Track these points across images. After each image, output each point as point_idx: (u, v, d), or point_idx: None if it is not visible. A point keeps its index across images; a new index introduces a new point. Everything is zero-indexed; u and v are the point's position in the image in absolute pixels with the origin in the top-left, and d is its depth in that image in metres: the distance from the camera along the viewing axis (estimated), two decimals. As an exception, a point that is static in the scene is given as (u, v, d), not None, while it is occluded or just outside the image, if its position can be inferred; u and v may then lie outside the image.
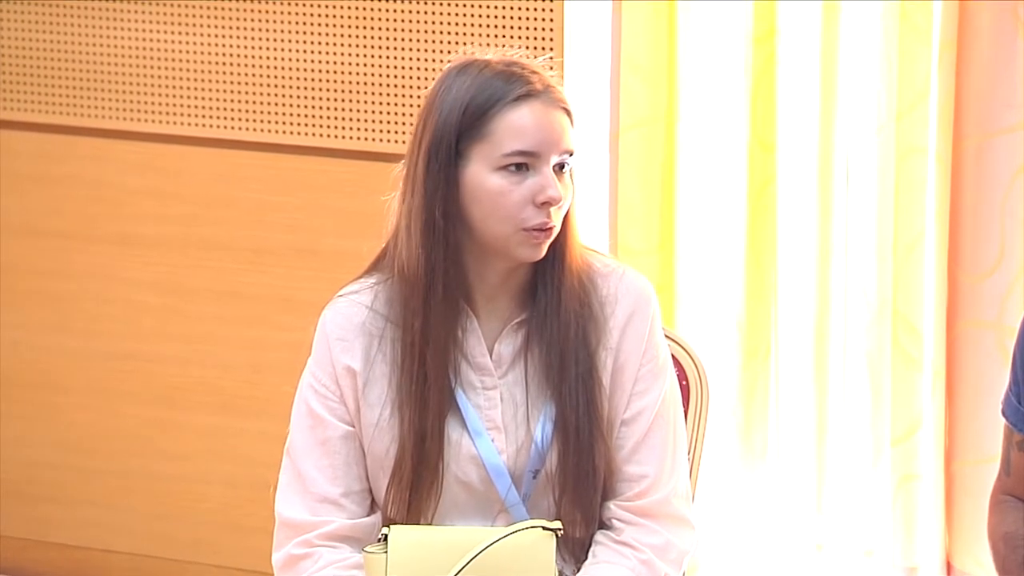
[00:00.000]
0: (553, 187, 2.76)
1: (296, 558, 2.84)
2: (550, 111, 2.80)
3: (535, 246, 2.79)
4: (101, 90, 4.49)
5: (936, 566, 4.25)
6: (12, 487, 4.68)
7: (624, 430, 2.86)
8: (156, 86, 4.45)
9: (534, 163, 2.78)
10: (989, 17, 4.08)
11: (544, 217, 2.77)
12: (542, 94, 2.80)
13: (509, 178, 2.78)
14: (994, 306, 4.13)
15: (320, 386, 2.86)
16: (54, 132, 4.55)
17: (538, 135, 2.78)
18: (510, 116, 2.79)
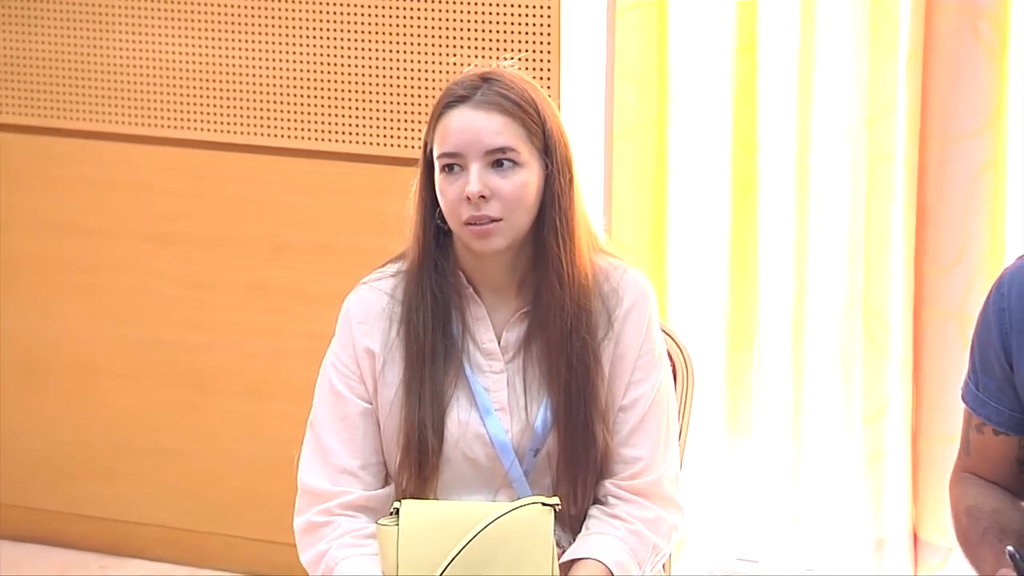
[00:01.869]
0: (472, 183, 2.77)
1: (316, 525, 2.85)
2: (475, 114, 2.80)
3: (477, 237, 2.79)
4: (133, 99, 4.49)
5: (903, 536, 4.25)
6: (51, 464, 4.68)
7: (621, 415, 2.87)
8: (183, 96, 4.45)
9: (461, 163, 2.79)
10: (951, 32, 4.07)
11: (473, 211, 2.77)
12: (471, 99, 2.80)
13: (446, 178, 2.80)
14: (957, 297, 4.13)
15: (342, 366, 2.88)
16: (89, 138, 4.55)
17: (457, 137, 2.79)
18: (441, 122, 2.82)
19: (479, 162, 2.77)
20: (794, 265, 4.30)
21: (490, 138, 2.78)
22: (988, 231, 4.11)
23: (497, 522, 2.77)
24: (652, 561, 2.87)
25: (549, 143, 2.83)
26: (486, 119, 2.79)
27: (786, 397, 4.34)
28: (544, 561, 2.78)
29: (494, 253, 2.81)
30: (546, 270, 2.84)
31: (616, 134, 4.31)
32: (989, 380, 2.85)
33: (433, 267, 2.84)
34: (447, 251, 2.85)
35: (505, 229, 2.79)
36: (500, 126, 2.79)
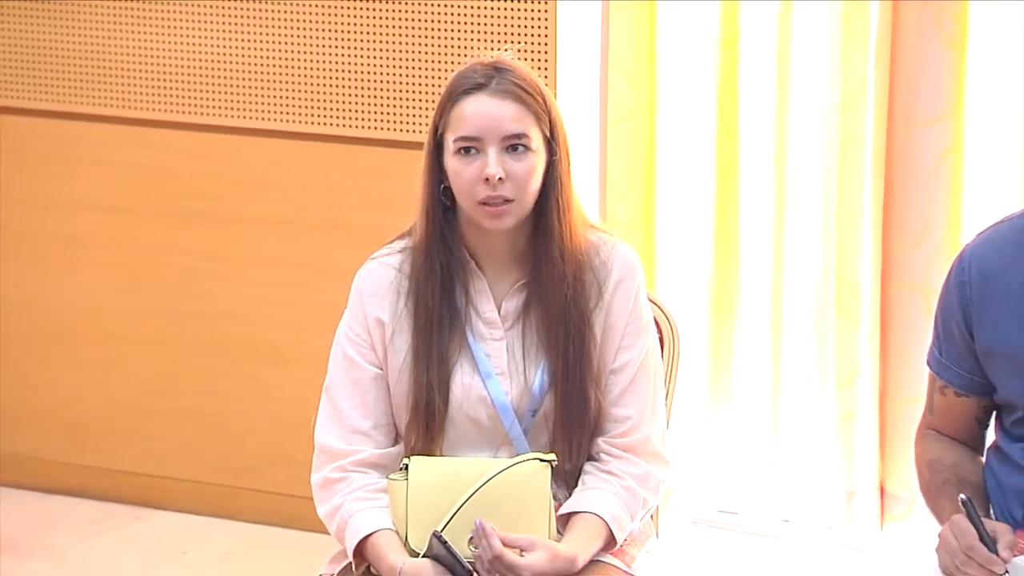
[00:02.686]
0: (492, 165, 2.76)
1: (332, 481, 2.86)
2: (494, 101, 2.79)
3: (492, 217, 2.79)
4: (161, 88, 4.49)
5: (871, 489, 4.25)
6: (88, 423, 4.69)
7: (612, 378, 2.87)
8: (207, 85, 4.45)
9: (479, 146, 2.78)
10: (916, 26, 4.07)
11: (490, 191, 2.77)
12: (488, 86, 2.80)
13: (461, 160, 2.79)
14: (921, 271, 4.13)
15: (354, 335, 2.88)
16: (121, 123, 4.55)
17: (476, 122, 2.78)
18: (458, 107, 2.80)
19: (496, 146, 2.78)
20: (773, 241, 4.30)
21: (507, 124, 2.78)
22: (949, 210, 4.11)
23: (498, 477, 2.77)
24: (642, 513, 2.87)
25: (555, 130, 2.83)
26: (503, 106, 2.79)
27: (765, 362, 4.35)
28: (542, 513, 2.79)
29: (503, 230, 2.82)
30: (546, 246, 2.84)
31: (610, 121, 4.31)
32: (951, 347, 2.86)
33: (440, 242, 2.84)
34: (452, 227, 2.86)
35: (516, 209, 2.79)
36: (515, 113, 2.79)
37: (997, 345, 2.77)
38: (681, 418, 3.94)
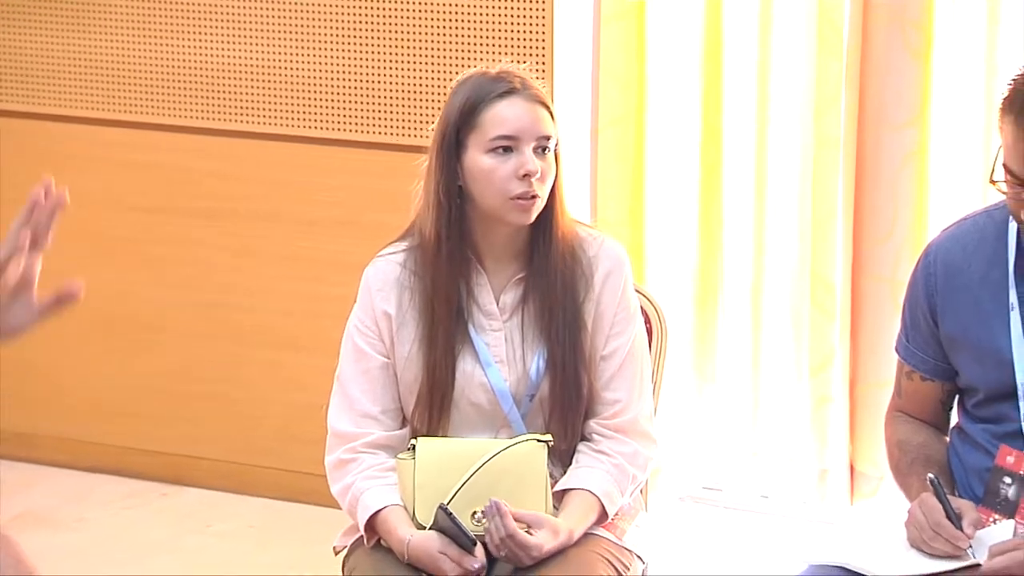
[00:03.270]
0: (531, 163, 2.76)
1: (344, 462, 2.86)
2: (527, 104, 2.79)
3: (522, 211, 2.79)
4: (186, 96, 4.49)
5: (842, 468, 4.25)
6: (119, 406, 4.69)
7: (603, 364, 2.87)
8: (229, 92, 4.45)
9: (515, 145, 2.77)
10: (884, 39, 4.07)
11: (526, 187, 2.77)
12: (521, 91, 2.80)
13: (496, 158, 2.78)
14: (889, 265, 4.13)
15: (363, 327, 2.88)
16: (153, 129, 4.54)
17: (516, 123, 2.78)
18: (495, 109, 2.79)
19: (530, 146, 2.78)
20: (752, 237, 4.30)
21: (541, 127, 2.79)
22: (915, 208, 4.12)
23: (498, 456, 2.78)
24: (631, 488, 2.87)
25: (558, 135, 2.83)
26: (536, 110, 2.80)
27: (745, 350, 4.35)
28: (539, 489, 2.79)
29: (524, 224, 2.81)
30: (543, 242, 2.84)
31: (601, 125, 4.30)
32: (917, 335, 2.86)
33: (453, 238, 2.83)
34: (460, 224, 2.85)
35: (539, 204, 2.80)
36: (545, 117, 2.80)
37: (960, 333, 2.77)
38: (668, 401, 3.94)
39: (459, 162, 2.81)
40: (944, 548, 2.63)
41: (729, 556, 4.16)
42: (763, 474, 4.37)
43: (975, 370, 2.77)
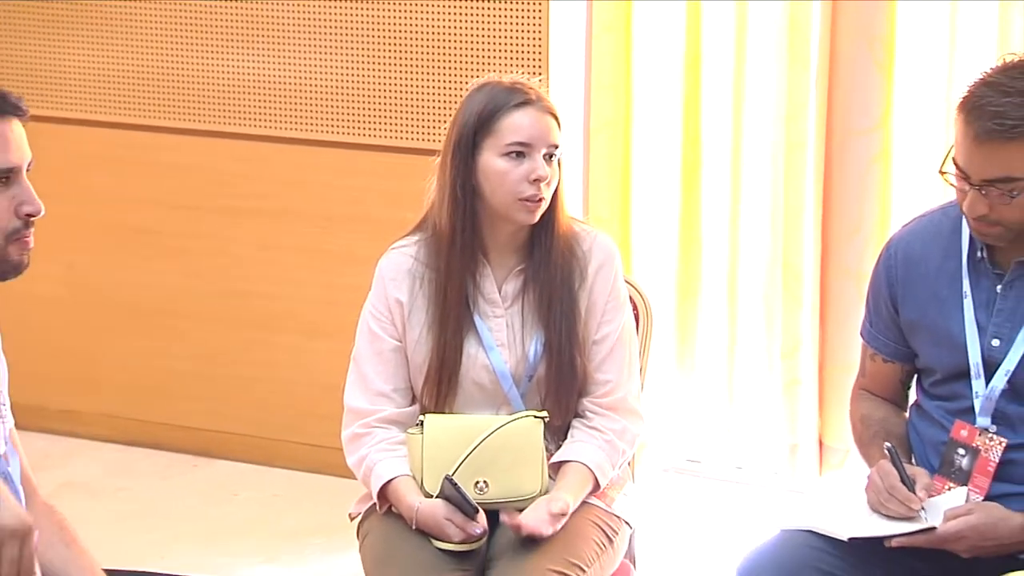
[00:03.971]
0: (542, 168, 2.76)
1: (359, 436, 2.86)
2: (541, 115, 2.79)
3: (530, 212, 2.78)
4: (214, 103, 4.49)
5: (812, 442, 4.25)
6: (154, 386, 4.69)
7: (595, 348, 2.87)
8: (251, 99, 4.45)
9: (528, 151, 2.77)
10: (850, 51, 4.07)
11: (535, 190, 2.76)
12: (535, 103, 2.80)
13: (510, 162, 2.77)
14: (855, 258, 4.13)
15: (377, 313, 2.88)
16: (187, 134, 4.54)
17: (530, 131, 2.77)
18: (511, 117, 2.78)
19: (541, 152, 2.77)
20: (729, 231, 4.30)
21: (551, 136, 2.79)
22: (879, 206, 4.12)
23: (499, 431, 2.78)
24: (620, 461, 2.87)
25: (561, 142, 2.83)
26: (548, 120, 2.80)
27: (722, 335, 4.35)
28: (536, 461, 2.79)
29: (529, 223, 2.80)
30: (543, 238, 2.84)
31: (593, 129, 4.30)
32: (880, 321, 2.86)
33: (463, 231, 2.83)
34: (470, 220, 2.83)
35: (544, 206, 2.79)
36: (554, 127, 2.80)
37: (918, 319, 2.77)
38: (653, 382, 3.94)
39: (474, 163, 2.80)
40: (899, 510, 2.63)
41: (708, 522, 4.16)
42: (739, 448, 4.37)
43: (932, 352, 2.76)
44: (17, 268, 2.31)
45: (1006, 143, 2.52)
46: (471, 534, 2.70)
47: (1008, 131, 2.51)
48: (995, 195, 2.56)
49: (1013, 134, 2.51)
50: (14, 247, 2.30)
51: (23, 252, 2.31)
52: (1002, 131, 2.51)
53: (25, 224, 2.30)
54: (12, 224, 2.29)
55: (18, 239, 2.30)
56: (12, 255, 2.30)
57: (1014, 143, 2.51)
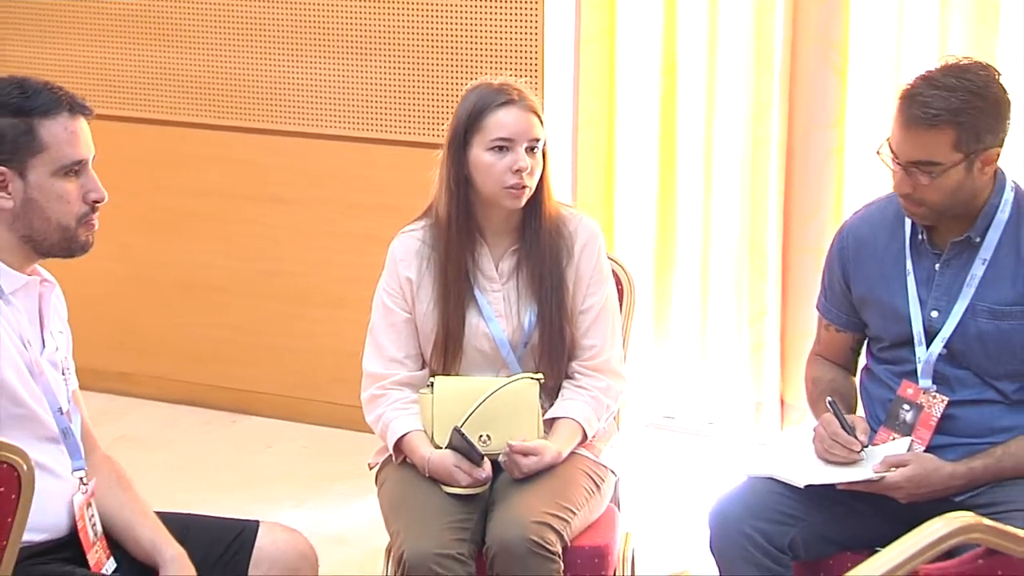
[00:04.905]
0: (523, 160, 2.76)
1: (375, 397, 2.86)
2: (523, 113, 2.78)
3: (515, 198, 2.78)
4: (250, 103, 4.48)
5: (774, 401, 4.26)
6: (199, 351, 4.69)
7: (581, 317, 2.87)
8: (285, 100, 4.44)
9: (511, 145, 2.76)
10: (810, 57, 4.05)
11: (518, 179, 2.76)
12: (518, 102, 2.79)
13: (495, 155, 2.77)
14: (813, 239, 4.11)
15: (390, 289, 2.88)
16: (229, 131, 4.52)
17: (513, 128, 2.77)
18: (496, 115, 2.77)
19: (523, 146, 2.76)
20: (702, 215, 4.29)
21: (532, 131, 2.78)
22: (834, 194, 4.10)
23: (500, 391, 2.78)
24: (606, 416, 2.88)
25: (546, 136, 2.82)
26: (529, 117, 2.78)
27: (695, 305, 4.34)
28: (532, 417, 2.80)
29: (515, 209, 2.79)
30: (534, 221, 2.83)
31: (580, 124, 4.29)
32: (833, 296, 2.86)
33: (461, 217, 2.82)
34: (466, 206, 2.83)
35: (528, 193, 2.79)
36: (536, 123, 2.78)
37: (867, 293, 2.77)
38: (635, 347, 3.94)
39: (466, 156, 2.80)
40: (841, 453, 2.64)
41: (683, 471, 4.16)
42: (710, 406, 4.37)
43: (880, 323, 2.77)
44: (84, 247, 2.36)
45: (928, 129, 2.53)
46: (477, 479, 2.71)
47: (931, 119, 2.52)
48: (918, 176, 2.57)
49: (935, 122, 2.52)
50: (82, 229, 2.34)
51: (89, 233, 2.36)
52: (925, 119, 2.53)
53: (92, 209, 2.34)
54: (81, 209, 2.33)
55: (86, 222, 2.34)
56: (80, 236, 2.34)
57: (935, 130, 2.53)
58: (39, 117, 2.29)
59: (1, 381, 2.26)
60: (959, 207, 2.61)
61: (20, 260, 2.35)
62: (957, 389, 2.67)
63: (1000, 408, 2.65)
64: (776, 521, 2.61)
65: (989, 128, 2.55)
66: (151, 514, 2.46)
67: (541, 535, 2.61)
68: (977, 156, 2.56)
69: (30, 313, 2.37)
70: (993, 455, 2.61)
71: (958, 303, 2.64)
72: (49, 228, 2.32)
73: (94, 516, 2.40)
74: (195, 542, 2.44)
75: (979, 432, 2.65)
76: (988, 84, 2.56)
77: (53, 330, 2.41)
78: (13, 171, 2.30)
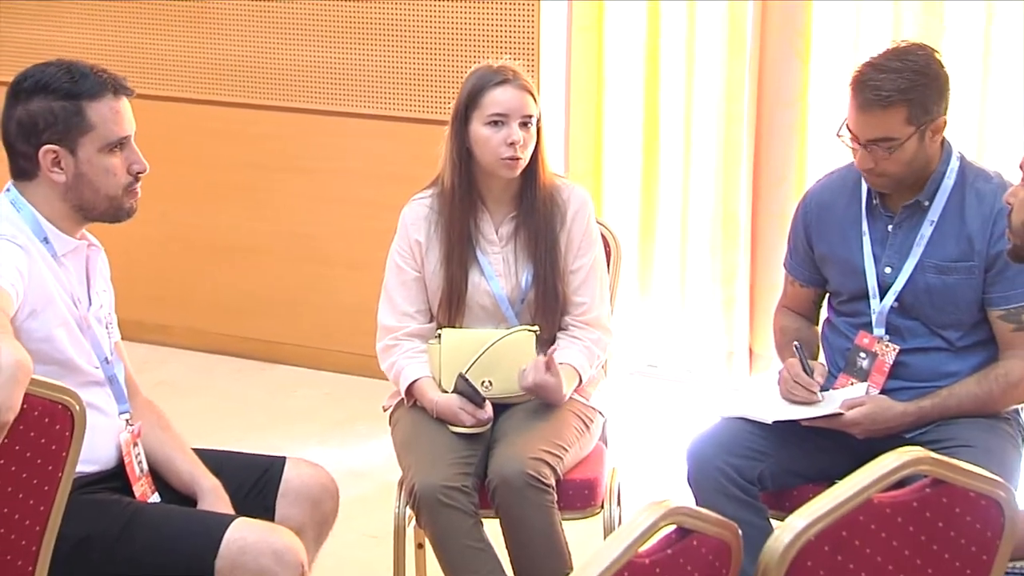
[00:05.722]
0: (515, 134, 2.74)
1: (389, 347, 2.86)
2: (517, 91, 2.76)
3: (509, 169, 2.77)
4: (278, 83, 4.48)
5: (744, 350, 4.27)
6: (229, 308, 4.69)
7: (572, 277, 2.86)
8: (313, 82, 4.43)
9: (506, 120, 2.75)
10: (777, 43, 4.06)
11: (512, 152, 2.74)
12: (512, 81, 2.77)
13: (491, 130, 2.75)
14: (779, 205, 4.12)
15: (401, 250, 2.87)
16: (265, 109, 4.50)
17: (507, 104, 2.75)
18: (492, 93, 2.76)
19: (517, 121, 2.74)
20: (681, 185, 4.29)
21: (526, 108, 2.75)
22: (797, 165, 4.11)
23: (500, 341, 2.79)
24: (596, 363, 2.88)
25: (539, 110, 2.80)
26: (522, 95, 2.76)
27: (675, 265, 4.35)
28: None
29: (511, 178, 2.78)
30: (530, 189, 2.82)
31: (572, 101, 4.28)
32: (798, 255, 2.86)
33: (463, 186, 2.81)
34: (468, 175, 2.82)
35: (522, 164, 2.77)
36: (529, 100, 2.76)
37: (828, 253, 2.78)
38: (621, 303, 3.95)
39: (467, 131, 2.79)
40: (802, 394, 2.66)
41: (664, 412, 4.18)
42: (688, 355, 4.38)
43: (839, 279, 2.77)
44: (129, 213, 2.38)
45: (883, 110, 2.54)
46: (480, 420, 2.72)
47: (883, 100, 2.53)
48: (878, 152, 2.57)
49: (887, 103, 2.53)
50: (127, 197, 2.36)
51: (133, 200, 2.37)
52: (879, 100, 2.53)
53: (135, 179, 2.36)
54: (126, 180, 2.35)
55: (130, 191, 2.36)
56: (126, 203, 2.36)
57: (889, 110, 2.54)
58: (87, 99, 2.30)
59: (53, 336, 2.27)
60: (914, 175, 2.62)
61: (71, 226, 2.37)
62: (907, 338, 2.68)
63: (946, 355, 2.66)
64: (746, 457, 2.62)
65: (935, 100, 2.57)
66: (189, 451, 2.47)
67: (537, 469, 2.62)
68: (927, 127, 2.57)
69: (79, 274, 2.39)
70: (939, 396, 2.63)
71: (908, 260, 2.65)
72: (98, 198, 2.33)
73: (140, 454, 2.41)
74: (229, 476, 2.45)
75: (927, 376, 2.66)
76: (928, 62, 2.58)
77: (98, 289, 2.43)
78: (65, 149, 2.31)
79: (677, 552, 1.69)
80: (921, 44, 2.62)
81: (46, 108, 2.28)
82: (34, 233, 2.31)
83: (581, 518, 2.75)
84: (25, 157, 2.31)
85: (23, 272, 2.22)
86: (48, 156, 2.30)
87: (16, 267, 2.20)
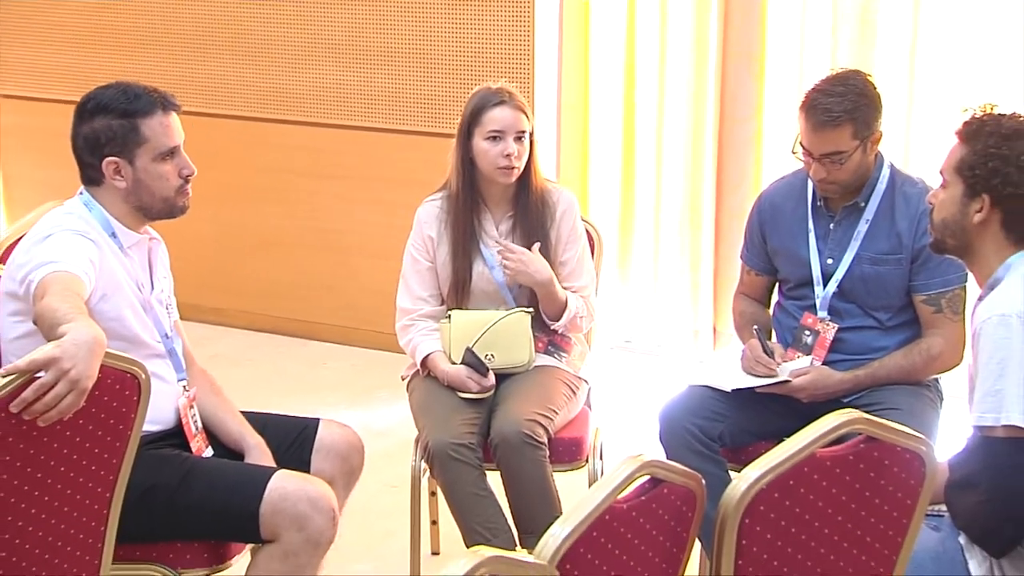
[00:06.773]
0: (510, 147, 2.74)
1: (406, 326, 2.87)
2: (512, 111, 2.76)
3: (506, 176, 2.77)
4: (307, 101, 4.47)
5: (708, 328, 4.27)
6: (271, 293, 4.68)
7: (561, 267, 2.87)
8: (336, 100, 4.42)
9: (502, 135, 2.75)
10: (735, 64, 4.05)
11: (508, 162, 2.75)
12: (508, 102, 2.77)
13: (490, 143, 2.76)
14: (739, 204, 4.11)
15: (416, 244, 2.87)
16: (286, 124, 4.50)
17: (503, 122, 2.75)
18: (491, 112, 2.76)
19: (512, 136, 2.75)
20: (655, 187, 4.29)
21: (521, 124, 2.75)
22: (754, 170, 4.11)
23: (501, 321, 2.79)
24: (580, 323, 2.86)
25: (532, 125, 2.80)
26: (517, 114, 2.76)
27: (649, 255, 4.34)
28: (526, 341, 2.80)
29: (508, 184, 2.79)
30: (525, 193, 2.82)
31: (563, 117, 4.27)
32: (753, 248, 2.87)
33: (466, 190, 2.81)
34: (471, 181, 2.82)
35: (516, 172, 2.77)
36: (523, 118, 2.76)
37: (779, 246, 2.79)
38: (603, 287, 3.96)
39: (470, 144, 2.80)
40: (762, 371, 2.68)
41: (640, 383, 4.18)
42: (660, 332, 4.39)
43: (788, 268, 2.78)
44: (183, 210, 2.39)
45: (833, 129, 2.55)
46: (484, 387, 2.73)
47: (833, 120, 2.55)
48: (830, 164, 2.59)
49: (837, 122, 2.55)
50: (179, 197, 2.37)
51: (185, 199, 2.39)
52: (829, 120, 2.55)
53: (185, 181, 2.37)
54: (177, 182, 2.37)
55: (182, 191, 2.38)
56: (179, 202, 2.38)
57: (839, 128, 2.56)
58: (140, 117, 2.32)
59: (121, 316, 2.30)
60: (858, 181, 2.64)
61: (134, 223, 2.39)
62: (845, 318, 2.69)
63: (877, 332, 2.69)
64: (709, 418, 2.64)
65: (873, 117, 2.60)
66: (237, 413, 2.50)
67: (532, 429, 2.64)
68: (868, 139, 2.60)
69: (142, 263, 2.41)
70: (872, 367, 2.65)
71: (847, 252, 2.67)
72: (155, 200, 2.35)
73: (195, 415, 2.44)
74: (271, 434, 2.47)
75: (861, 351, 2.68)
76: (866, 84, 2.60)
77: (159, 275, 2.45)
78: (124, 160, 2.33)
79: (650, 499, 1.72)
80: (856, 70, 2.65)
81: (106, 126, 2.31)
82: (103, 229, 2.33)
83: (569, 470, 2.76)
84: (92, 167, 2.34)
85: (95, 262, 2.24)
86: (110, 167, 2.33)
87: (89, 258, 2.22)
